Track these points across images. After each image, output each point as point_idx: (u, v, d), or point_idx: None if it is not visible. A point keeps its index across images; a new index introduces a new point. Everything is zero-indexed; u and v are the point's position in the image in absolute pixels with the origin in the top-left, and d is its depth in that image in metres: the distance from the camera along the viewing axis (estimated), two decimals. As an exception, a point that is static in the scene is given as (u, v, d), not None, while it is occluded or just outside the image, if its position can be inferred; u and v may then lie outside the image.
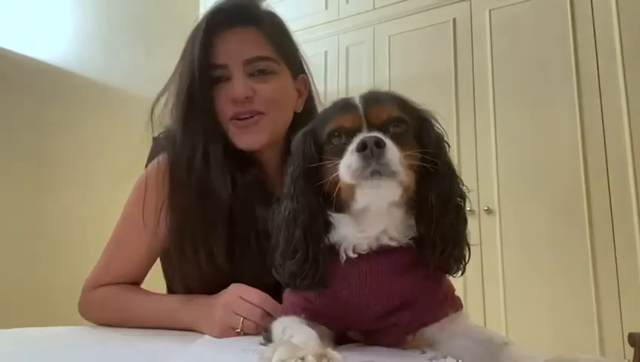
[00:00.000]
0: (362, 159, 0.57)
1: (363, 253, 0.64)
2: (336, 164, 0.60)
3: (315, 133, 0.67)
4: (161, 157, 0.97)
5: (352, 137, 0.61)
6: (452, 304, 0.68)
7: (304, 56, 1.06)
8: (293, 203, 0.64)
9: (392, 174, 0.58)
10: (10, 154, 2.27)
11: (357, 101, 0.65)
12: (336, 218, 0.64)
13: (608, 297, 1.99)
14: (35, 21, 2.45)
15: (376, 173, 0.57)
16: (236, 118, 0.94)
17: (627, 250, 1.98)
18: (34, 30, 2.44)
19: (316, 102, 1.08)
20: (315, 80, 1.09)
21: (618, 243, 2.00)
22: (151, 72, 0.94)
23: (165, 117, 0.96)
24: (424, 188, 0.63)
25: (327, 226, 0.64)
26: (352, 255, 0.64)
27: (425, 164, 0.62)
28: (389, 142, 0.58)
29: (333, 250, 0.64)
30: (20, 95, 2.33)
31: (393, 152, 0.58)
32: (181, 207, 0.90)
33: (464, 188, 0.69)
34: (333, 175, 0.60)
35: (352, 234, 0.64)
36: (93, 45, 2.69)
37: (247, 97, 0.92)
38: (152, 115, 0.97)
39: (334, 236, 0.64)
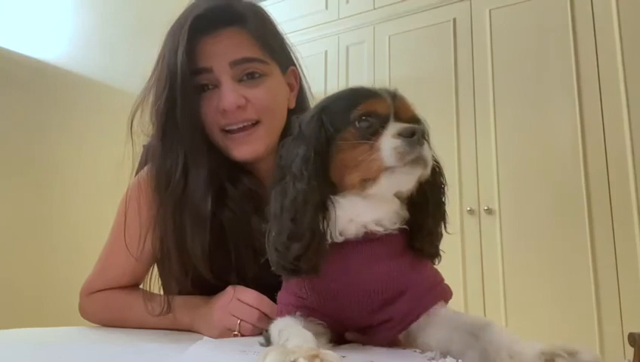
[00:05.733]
0: (409, 144, 0.59)
1: (349, 237, 0.64)
2: (371, 145, 0.60)
3: (331, 115, 0.65)
4: (144, 172, 0.93)
5: (384, 123, 0.62)
6: (441, 292, 0.68)
7: (290, 46, 0.99)
8: (303, 184, 0.62)
9: (425, 165, 0.61)
10: (9, 154, 2.27)
11: (380, 91, 0.66)
12: (336, 200, 0.64)
13: (608, 297, 1.99)
14: (35, 21, 2.45)
15: (415, 161, 0.60)
16: (229, 129, 0.88)
17: (627, 250, 1.98)
18: (34, 30, 2.44)
19: (308, 95, 1.02)
20: (315, 80, 1.04)
21: (618, 243, 2.00)
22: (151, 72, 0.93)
23: (148, 124, 0.90)
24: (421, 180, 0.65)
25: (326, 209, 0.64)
26: (339, 239, 0.64)
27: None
28: None
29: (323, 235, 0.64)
30: (20, 95, 2.33)
31: (427, 145, 0.61)
32: (161, 229, 0.86)
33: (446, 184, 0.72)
34: (369, 155, 0.60)
35: (345, 217, 0.64)
36: (93, 45, 2.69)
37: (239, 106, 0.86)
38: (131, 128, 0.89)
39: (328, 220, 0.64)
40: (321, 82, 2.80)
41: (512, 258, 2.22)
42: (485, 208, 2.28)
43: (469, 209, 2.29)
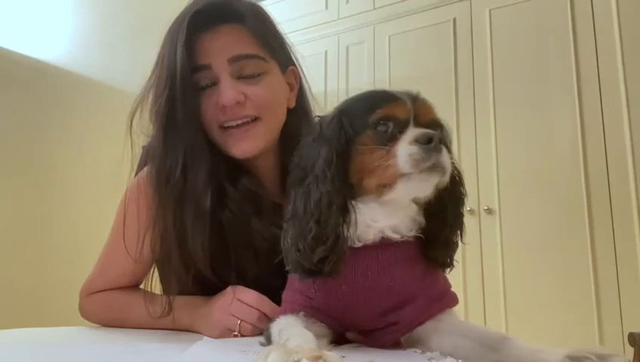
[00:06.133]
0: (425, 151, 0.58)
1: (367, 242, 0.64)
2: (388, 151, 0.60)
3: (350, 118, 0.65)
4: (143, 173, 0.93)
5: (402, 128, 0.62)
6: (449, 300, 0.69)
7: (291, 46, 0.99)
8: (327, 186, 0.61)
9: (443, 172, 0.60)
10: (9, 154, 2.27)
11: (401, 95, 0.65)
12: (355, 204, 0.64)
13: (608, 297, 1.99)
14: (35, 21, 2.45)
15: (432, 168, 0.59)
16: (228, 125, 0.88)
17: (627, 250, 1.98)
18: (34, 30, 2.44)
19: (308, 95, 1.02)
20: (315, 80, 1.03)
21: (618, 243, 2.00)
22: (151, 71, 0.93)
23: (147, 124, 0.90)
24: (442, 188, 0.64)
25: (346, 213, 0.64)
26: (357, 244, 0.64)
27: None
28: None
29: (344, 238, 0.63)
30: (20, 95, 2.33)
31: (446, 152, 0.60)
32: (162, 227, 0.85)
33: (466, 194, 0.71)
34: (385, 161, 0.59)
35: (363, 222, 0.64)
36: (93, 45, 2.69)
37: (238, 102, 0.86)
38: (130, 128, 0.89)
39: (349, 223, 0.63)
40: (321, 82, 2.80)
41: (512, 258, 2.22)
42: (485, 208, 2.28)
43: (469, 209, 2.29)
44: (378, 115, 0.63)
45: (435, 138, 0.58)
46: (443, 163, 0.59)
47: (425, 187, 0.61)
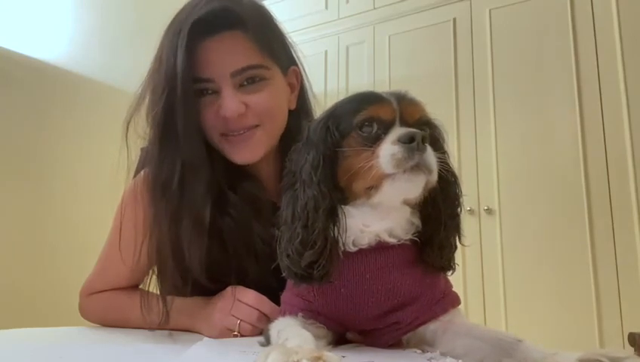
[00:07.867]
0: (407, 151, 0.57)
1: (363, 247, 0.64)
2: (372, 152, 0.59)
3: (337, 120, 0.64)
4: (140, 177, 0.92)
5: (386, 129, 0.61)
6: (451, 300, 0.68)
7: (292, 45, 0.97)
8: (313, 190, 0.61)
9: (429, 171, 0.59)
10: (9, 154, 2.27)
11: (387, 96, 0.64)
12: (346, 209, 0.63)
13: (608, 297, 1.99)
14: (35, 21, 2.45)
15: (416, 167, 0.58)
16: (229, 134, 0.88)
17: (627, 250, 1.98)
18: (34, 30, 2.44)
19: (309, 95, 1.01)
20: (315, 80, 1.02)
21: (618, 243, 2.00)
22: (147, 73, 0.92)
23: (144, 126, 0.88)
24: (433, 189, 0.63)
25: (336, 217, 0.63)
26: (352, 249, 0.64)
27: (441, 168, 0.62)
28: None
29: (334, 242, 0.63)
30: (20, 95, 2.33)
31: (431, 151, 0.59)
32: (158, 240, 0.84)
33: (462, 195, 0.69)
34: (368, 162, 0.59)
35: (356, 227, 0.63)
36: (93, 45, 2.69)
37: (239, 114, 0.85)
38: (126, 133, 0.87)
39: (339, 228, 0.63)
40: (321, 82, 2.80)
41: (512, 258, 2.22)
42: (485, 208, 2.28)
43: (469, 209, 2.29)
44: (362, 117, 0.62)
45: (417, 137, 0.57)
46: (427, 162, 0.58)
47: (411, 187, 0.60)
